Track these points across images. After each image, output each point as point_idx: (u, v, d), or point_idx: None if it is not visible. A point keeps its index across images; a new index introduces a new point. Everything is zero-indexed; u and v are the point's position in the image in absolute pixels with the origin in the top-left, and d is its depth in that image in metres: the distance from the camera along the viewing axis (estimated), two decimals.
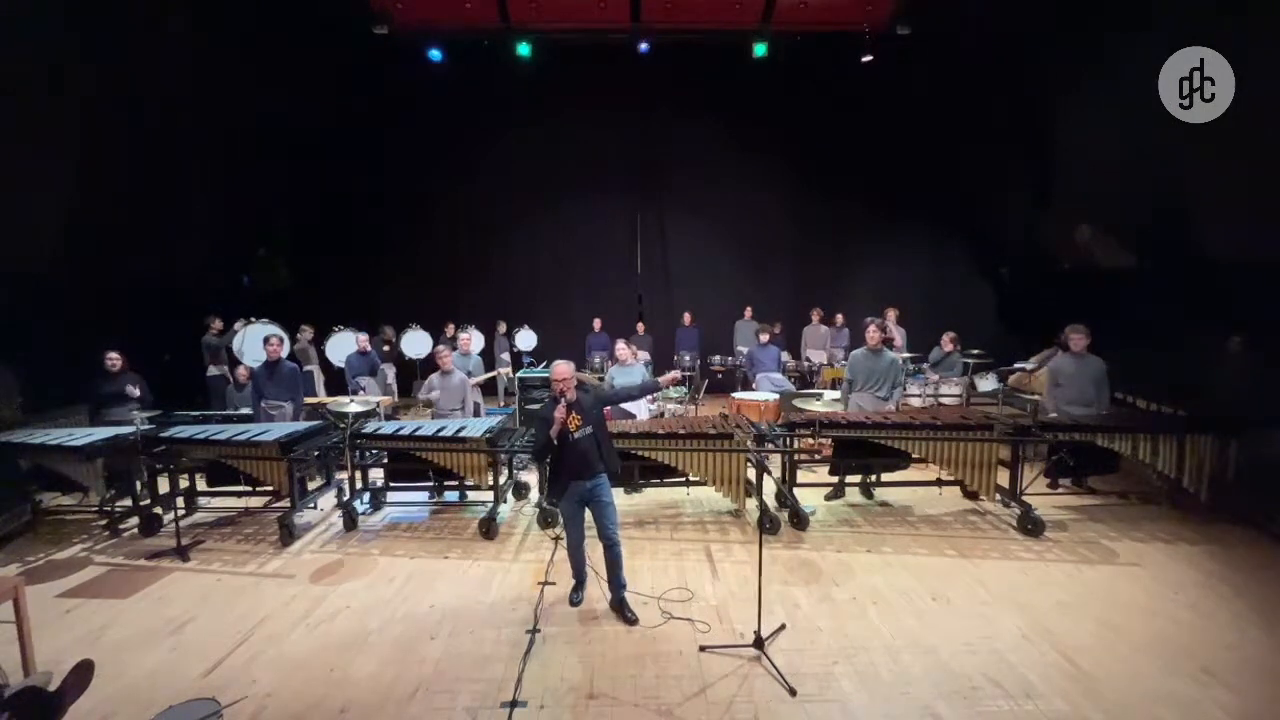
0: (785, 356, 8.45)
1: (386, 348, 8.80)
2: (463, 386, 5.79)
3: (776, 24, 8.51)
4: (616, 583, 3.79)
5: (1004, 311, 9.85)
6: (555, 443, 3.63)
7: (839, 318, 9.24)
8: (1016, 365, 7.62)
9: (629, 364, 6.27)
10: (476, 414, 6.00)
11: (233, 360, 7.27)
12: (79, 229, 6.55)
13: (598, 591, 4.03)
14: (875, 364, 5.63)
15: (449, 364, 5.76)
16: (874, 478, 5.55)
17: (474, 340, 9.51)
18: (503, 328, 9.79)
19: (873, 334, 5.60)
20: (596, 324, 9.53)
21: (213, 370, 7.58)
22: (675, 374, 4.51)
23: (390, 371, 8.58)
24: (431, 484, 5.49)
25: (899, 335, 8.18)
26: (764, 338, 7.93)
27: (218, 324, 7.71)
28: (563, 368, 3.73)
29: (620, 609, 3.77)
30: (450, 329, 9.45)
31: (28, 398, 6.23)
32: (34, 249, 6.27)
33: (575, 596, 3.95)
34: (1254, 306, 5.62)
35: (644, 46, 8.82)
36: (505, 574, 4.31)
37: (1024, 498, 4.96)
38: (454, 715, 2.95)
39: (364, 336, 7.45)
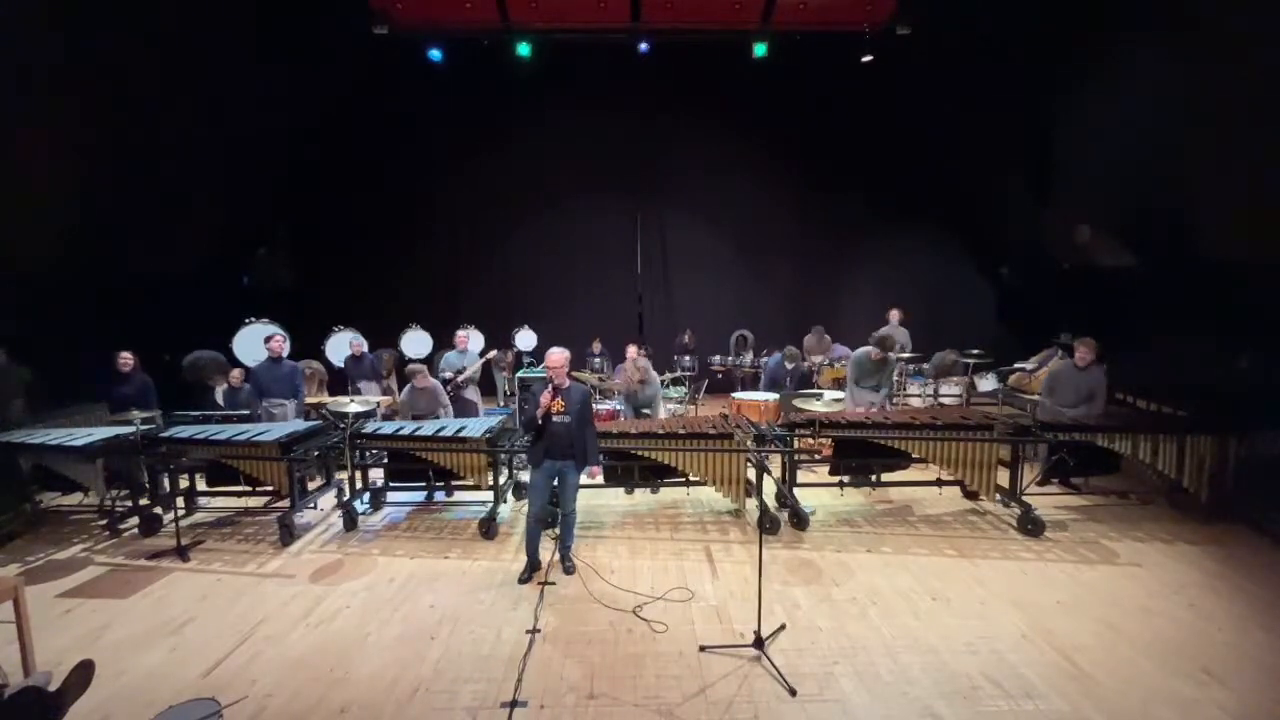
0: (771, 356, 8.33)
1: (387, 373, 8.59)
2: (435, 397, 6.05)
3: (776, 24, 8.49)
4: (564, 543, 4.38)
5: (1004, 311, 9.85)
6: (540, 420, 4.11)
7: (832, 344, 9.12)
8: (1017, 365, 7.63)
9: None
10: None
11: (232, 362, 7.25)
12: (79, 229, 6.56)
13: (595, 589, 4.05)
14: (875, 363, 6.05)
15: (423, 381, 6.03)
16: (874, 476, 5.55)
17: (472, 339, 9.53)
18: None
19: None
20: (596, 345, 9.09)
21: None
22: None
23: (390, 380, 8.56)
24: (429, 484, 5.49)
25: (902, 336, 8.16)
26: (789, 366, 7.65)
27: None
28: (556, 355, 4.13)
29: (562, 560, 4.37)
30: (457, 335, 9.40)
31: (33, 397, 6.24)
32: (34, 249, 6.27)
33: (524, 575, 4.23)
34: (1253, 306, 5.62)
35: (644, 46, 8.80)
36: (505, 574, 4.31)
37: (1024, 498, 4.96)
38: (454, 715, 2.95)
39: (359, 341, 7.46)
